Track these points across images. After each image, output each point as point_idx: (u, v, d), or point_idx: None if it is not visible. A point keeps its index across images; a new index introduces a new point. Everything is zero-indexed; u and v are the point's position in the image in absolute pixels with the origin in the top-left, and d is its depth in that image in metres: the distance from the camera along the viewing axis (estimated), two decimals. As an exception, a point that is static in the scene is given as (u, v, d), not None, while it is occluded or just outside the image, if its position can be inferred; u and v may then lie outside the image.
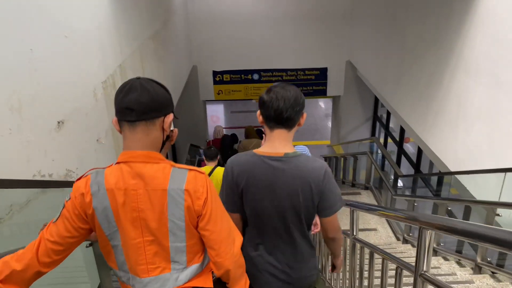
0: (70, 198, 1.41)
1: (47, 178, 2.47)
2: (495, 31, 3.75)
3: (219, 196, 1.80)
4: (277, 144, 1.75)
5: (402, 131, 8.08)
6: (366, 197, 6.84)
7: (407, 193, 8.26)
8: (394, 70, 6.51)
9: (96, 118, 3.27)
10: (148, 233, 1.41)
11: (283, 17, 9.11)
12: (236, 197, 1.81)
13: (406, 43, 5.97)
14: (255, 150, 1.80)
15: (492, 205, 3.25)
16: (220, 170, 4.53)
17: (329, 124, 14.88)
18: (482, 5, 3.93)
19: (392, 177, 7.27)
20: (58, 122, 2.63)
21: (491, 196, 3.72)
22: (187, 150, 7.00)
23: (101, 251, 1.51)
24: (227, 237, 1.48)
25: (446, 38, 4.68)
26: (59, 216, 1.42)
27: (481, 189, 4.02)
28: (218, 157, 4.70)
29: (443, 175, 4.86)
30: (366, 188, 7.24)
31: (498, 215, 3.28)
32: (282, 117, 1.69)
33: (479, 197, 3.98)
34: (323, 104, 16.85)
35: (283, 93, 1.68)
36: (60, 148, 2.65)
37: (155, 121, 1.39)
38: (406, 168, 8.32)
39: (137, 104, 1.33)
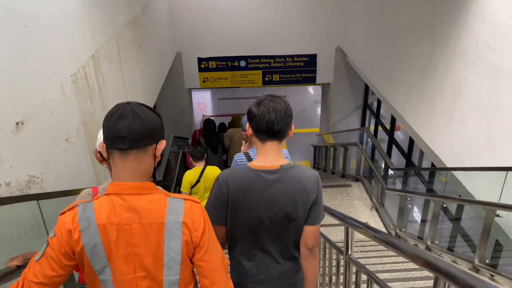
0: (55, 235, 1.30)
1: (3, 188, 2.19)
2: (496, 19, 3.52)
3: (205, 208, 1.77)
4: (270, 156, 1.76)
5: (393, 119, 7.88)
6: (357, 189, 6.65)
7: (398, 182, 8.11)
8: (385, 57, 6.26)
9: (64, 115, 2.98)
10: (141, 269, 1.35)
11: (271, 2, 8.75)
12: (227, 211, 1.79)
13: (399, 29, 5.72)
14: (250, 164, 1.79)
15: (493, 207, 3.05)
16: (210, 170, 4.45)
17: (318, 111, 14.65)
18: (482, -11, 3.68)
19: (383, 165, 7.09)
20: (17, 123, 2.34)
21: (489, 193, 3.54)
22: (170, 142, 6.70)
23: (87, 284, 1.42)
24: (221, 264, 1.44)
25: (442, 25, 4.44)
26: (42, 254, 1.32)
27: (479, 185, 3.84)
28: (205, 156, 4.65)
29: (438, 170, 4.67)
30: (357, 179, 7.05)
31: (498, 215, 3.10)
32: (274, 129, 1.70)
33: (476, 193, 3.80)
34: (312, 90, 16.58)
35: (273, 106, 1.69)
36: (19, 152, 2.36)
37: (148, 148, 1.33)
38: (396, 156, 8.15)
39: (129, 132, 1.28)
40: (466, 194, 4.04)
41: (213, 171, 4.46)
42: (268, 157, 1.75)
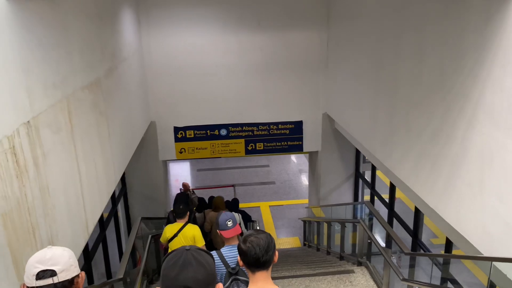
0: None
1: None
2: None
3: None
4: (260, 285, 2.07)
5: (392, 188, 7.09)
6: (362, 276, 5.61)
7: (404, 261, 7.12)
8: (383, 123, 5.60)
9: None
10: None
11: (252, 68, 8.28)
12: None
13: (398, 90, 5.11)
14: None
15: None
16: (189, 228, 4.50)
17: (303, 180, 13.89)
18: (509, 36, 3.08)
19: (383, 243, 6.15)
20: None
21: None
22: (137, 225, 5.66)
23: None
24: None
25: (457, 82, 3.80)
26: None
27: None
28: (188, 213, 4.77)
29: (474, 259, 3.75)
30: (359, 263, 6.03)
31: None
32: (260, 262, 2.04)
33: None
34: (295, 159, 15.95)
35: (257, 241, 2.05)
36: None
37: None
38: (395, 226, 7.24)
39: (195, 282, 1.31)
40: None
41: (191, 230, 4.50)
42: (258, 285, 2.05)
